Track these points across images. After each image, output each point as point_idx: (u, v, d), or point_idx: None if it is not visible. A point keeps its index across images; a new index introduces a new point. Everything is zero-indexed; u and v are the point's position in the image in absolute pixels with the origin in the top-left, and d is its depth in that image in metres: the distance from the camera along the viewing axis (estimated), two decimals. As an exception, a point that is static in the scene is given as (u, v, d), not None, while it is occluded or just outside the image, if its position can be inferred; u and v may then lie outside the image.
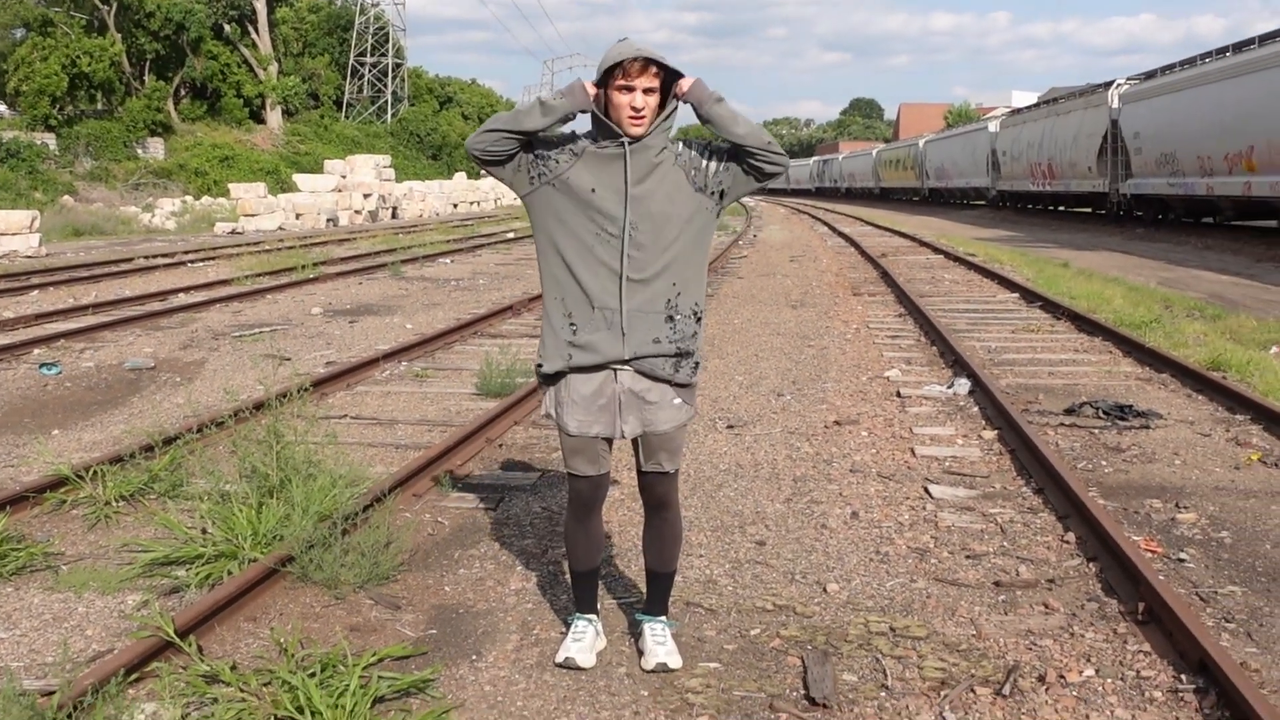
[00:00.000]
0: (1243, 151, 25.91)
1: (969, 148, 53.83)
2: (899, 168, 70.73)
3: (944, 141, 61.50)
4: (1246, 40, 27.17)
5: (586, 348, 4.06)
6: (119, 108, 53.97)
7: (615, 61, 3.89)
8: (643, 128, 3.98)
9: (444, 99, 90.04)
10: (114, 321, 13.60)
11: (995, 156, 49.15)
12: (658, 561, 4.42)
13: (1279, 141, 24.08)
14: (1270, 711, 3.70)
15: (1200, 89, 28.44)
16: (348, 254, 25.46)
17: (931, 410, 8.85)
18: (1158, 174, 31.63)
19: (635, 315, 4.03)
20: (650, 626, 4.40)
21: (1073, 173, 38.47)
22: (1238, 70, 26.53)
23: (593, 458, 4.26)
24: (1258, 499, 6.52)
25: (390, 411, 8.90)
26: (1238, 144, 26.12)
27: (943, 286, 18.03)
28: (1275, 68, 24.44)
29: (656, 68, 3.94)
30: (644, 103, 3.95)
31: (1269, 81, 24.55)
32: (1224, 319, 13.35)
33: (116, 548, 5.70)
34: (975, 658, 4.42)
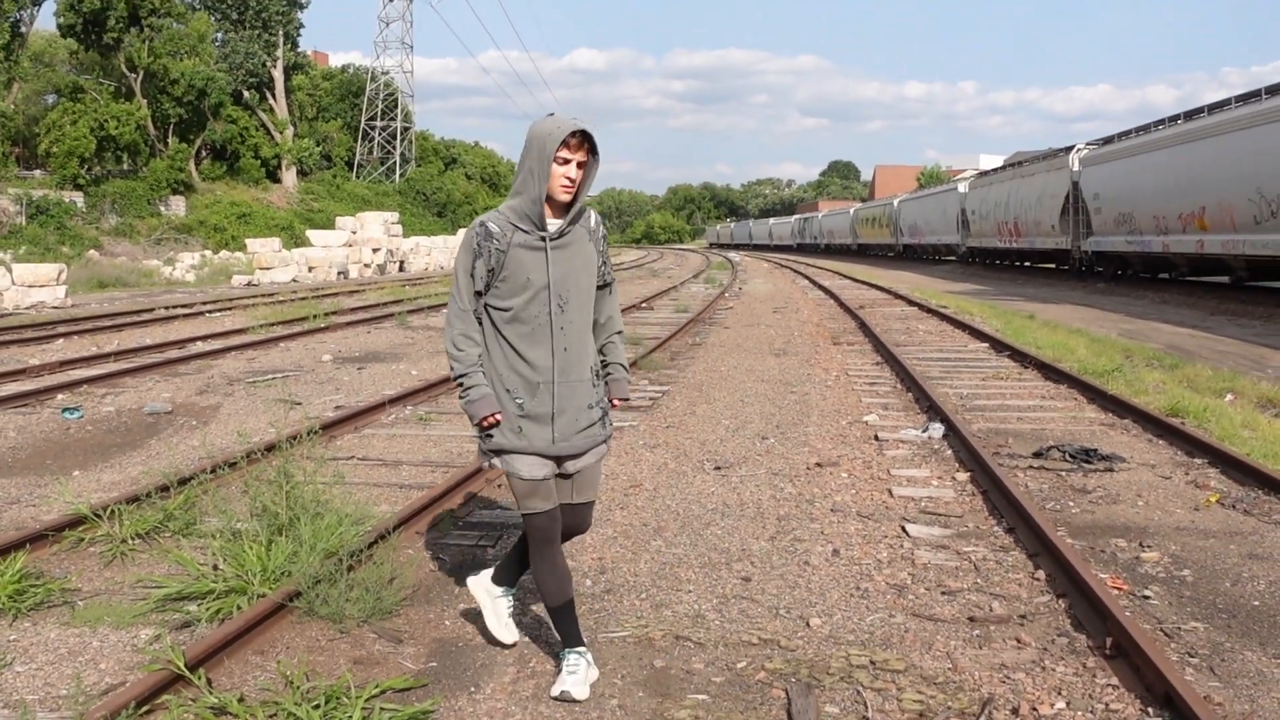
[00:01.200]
0: (1195, 212, 26.03)
1: (940, 207, 54.04)
2: (875, 225, 70.97)
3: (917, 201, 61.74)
4: (1197, 109, 27.37)
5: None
6: (143, 168, 54.10)
7: (561, 138, 4.06)
8: (570, 196, 4.17)
9: (449, 160, 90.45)
10: (134, 368, 13.52)
11: (965, 215, 49.33)
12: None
13: (1229, 203, 24.20)
14: (1235, 743, 3.63)
15: (1155, 153, 28.61)
16: (357, 305, 25.43)
17: (908, 453, 8.80)
18: (1116, 232, 31.75)
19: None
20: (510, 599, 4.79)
21: (1037, 231, 38.61)
22: (1190, 136, 26.70)
23: (546, 494, 4.32)
24: (1217, 539, 6.47)
25: (395, 453, 8.83)
26: (1191, 205, 26.25)
27: (917, 336, 18.01)
28: (1224, 134, 24.60)
29: (589, 143, 4.15)
30: (576, 174, 4.16)
31: (1218, 147, 24.70)
32: (1181, 368, 13.33)
33: (131, 583, 5.62)
34: (952, 690, 4.35)
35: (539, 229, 4.18)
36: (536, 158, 4.10)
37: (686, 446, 9.03)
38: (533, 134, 4.13)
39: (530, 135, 4.14)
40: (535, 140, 4.11)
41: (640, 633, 4.95)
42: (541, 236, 4.19)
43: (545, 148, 4.07)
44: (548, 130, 4.08)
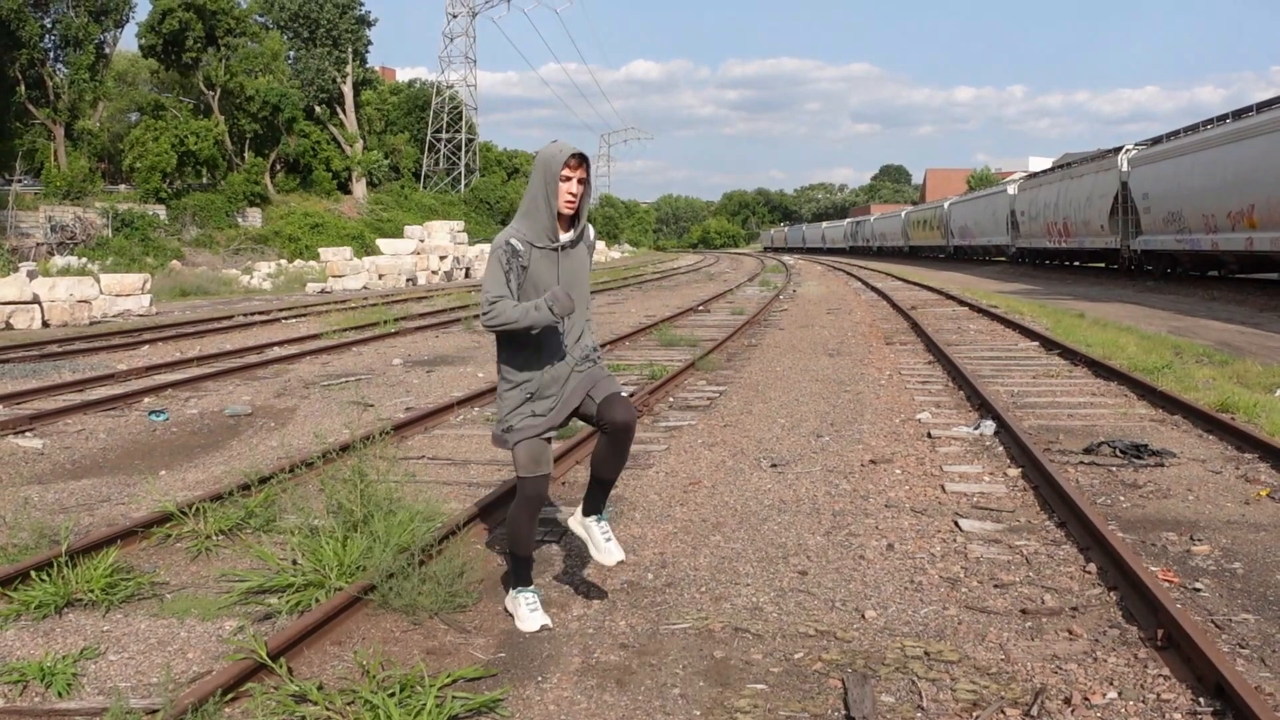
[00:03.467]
0: (1244, 210, 25.59)
1: (990, 209, 53.52)
2: (926, 228, 70.44)
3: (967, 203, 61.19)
4: (1245, 108, 26.93)
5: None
6: (221, 181, 54.96)
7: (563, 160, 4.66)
8: (573, 209, 4.76)
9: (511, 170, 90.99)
10: (216, 373, 13.73)
11: (1014, 216, 48.82)
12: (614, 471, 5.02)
13: (1278, 200, 23.77)
14: (1285, 732, 3.59)
15: (1203, 153, 28.16)
16: (425, 310, 25.64)
17: (960, 450, 8.74)
18: (1165, 231, 31.28)
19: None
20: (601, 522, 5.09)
21: (1086, 231, 38.13)
22: (1238, 135, 26.26)
23: (546, 463, 4.90)
24: (1268, 532, 6.37)
25: (464, 453, 8.90)
26: (1239, 203, 25.80)
27: (968, 336, 17.86)
28: (1273, 132, 24.17)
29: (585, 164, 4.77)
30: (578, 190, 4.74)
31: (1267, 145, 24.27)
32: (1231, 365, 13.11)
33: (215, 578, 5.72)
34: (1004, 681, 4.33)
35: (552, 240, 4.75)
36: (544, 179, 4.70)
37: (743, 445, 9.03)
38: (539, 160, 4.73)
39: (537, 162, 4.74)
40: (542, 165, 4.71)
41: (700, 625, 4.96)
42: (555, 246, 4.77)
43: (551, 170, 4.68)
44: (552, 155, 4.70)
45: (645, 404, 10.60)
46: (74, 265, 35.02)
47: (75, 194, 46.19)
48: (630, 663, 4.55)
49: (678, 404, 11.17)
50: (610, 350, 16.39)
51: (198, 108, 56.10)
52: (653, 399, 10.99)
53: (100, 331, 20.41)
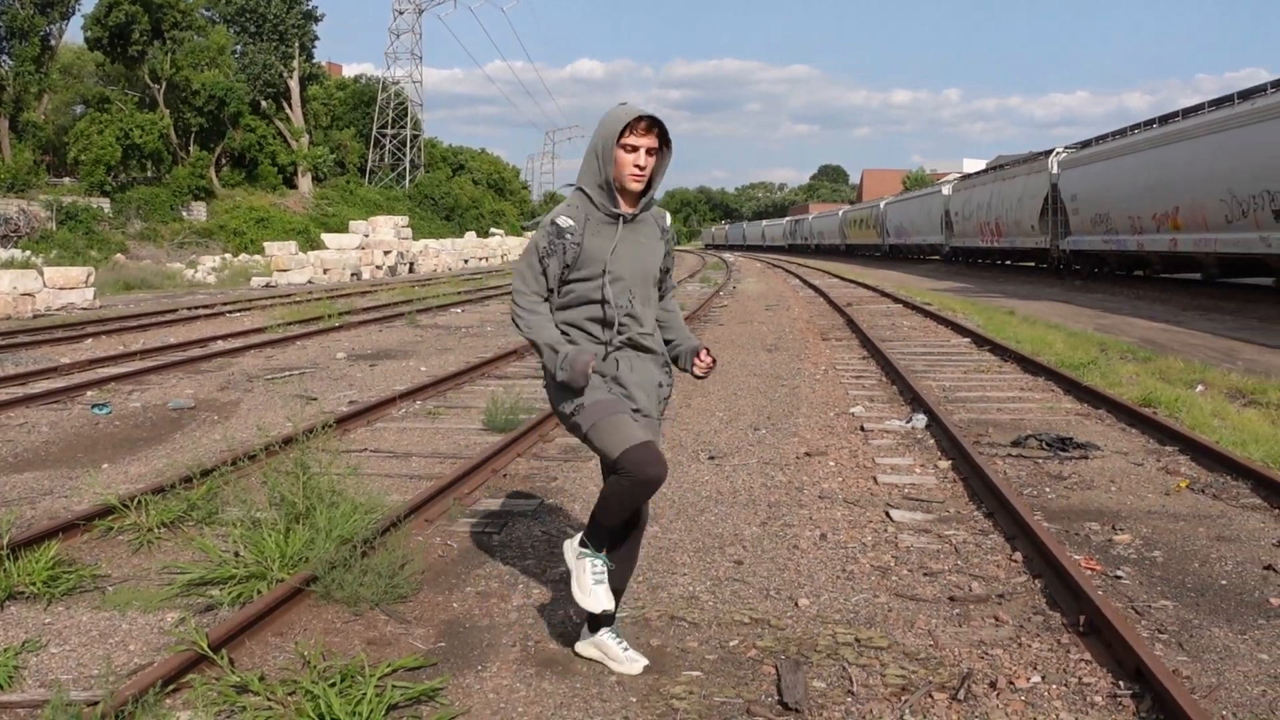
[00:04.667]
0: (1169, 212, 26.03)
1: (925, 209, 54.02)
2: (863, 227, 70.95)
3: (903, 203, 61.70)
4: (1171, 113, 27.41)
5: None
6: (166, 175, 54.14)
7: (625, 122, 3.93)
8: (641, 184, 4.06)
9: (456, 166, 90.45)
10: (159, 366, 13.55)
11: (948, 216, 49.31)
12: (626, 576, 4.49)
13: (1201, 203, 24.20)
14: (1201, 715, 3.67)
15: (1130, 156, 28.61)
16: (369, 305, 25.44)
17: (892, 443, 8.83)
18: (1093, 232, 31.75)
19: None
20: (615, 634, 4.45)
21: (1018, 231, 38.60)
22: (1163, 140, 26.71)
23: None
24: (1186, 522, 6.50)
25: (406, 445, 8.86)
26: (1164, 205, 26.25)
27: (902, 332, 18.03)
28: (1197, 137, 24.61)
29: (659, 129, 3.99)
30: (646, 162, 4.01)
31: (1192, 149, 24.71)
32: (1154, 361, 13.35)
33: (157, 570, 5.65)
34: (933, 666, 4.38)
35: (612, 208, 4.08)
36: (602, 144, 4.01)
37: (682, 438, 9.06)
38: (600, 122, 4.04)
39: (599, 124, 4.04)
40: (602, 127, 4.01)
41: (637, 614, 4.98)
42: (614, 215, 4.09)
43: (609, 134, 3.97)
44: (616, 117, 3.98)
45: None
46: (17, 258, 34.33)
47: (19, 187, 45.31)
48: (569, 652, 4.56)
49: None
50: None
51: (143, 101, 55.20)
52: (594, 393, 10.98)
53: (43, 325, 20.07)
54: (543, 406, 10.02)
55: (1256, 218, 21.88)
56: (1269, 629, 4.78)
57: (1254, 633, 4.74)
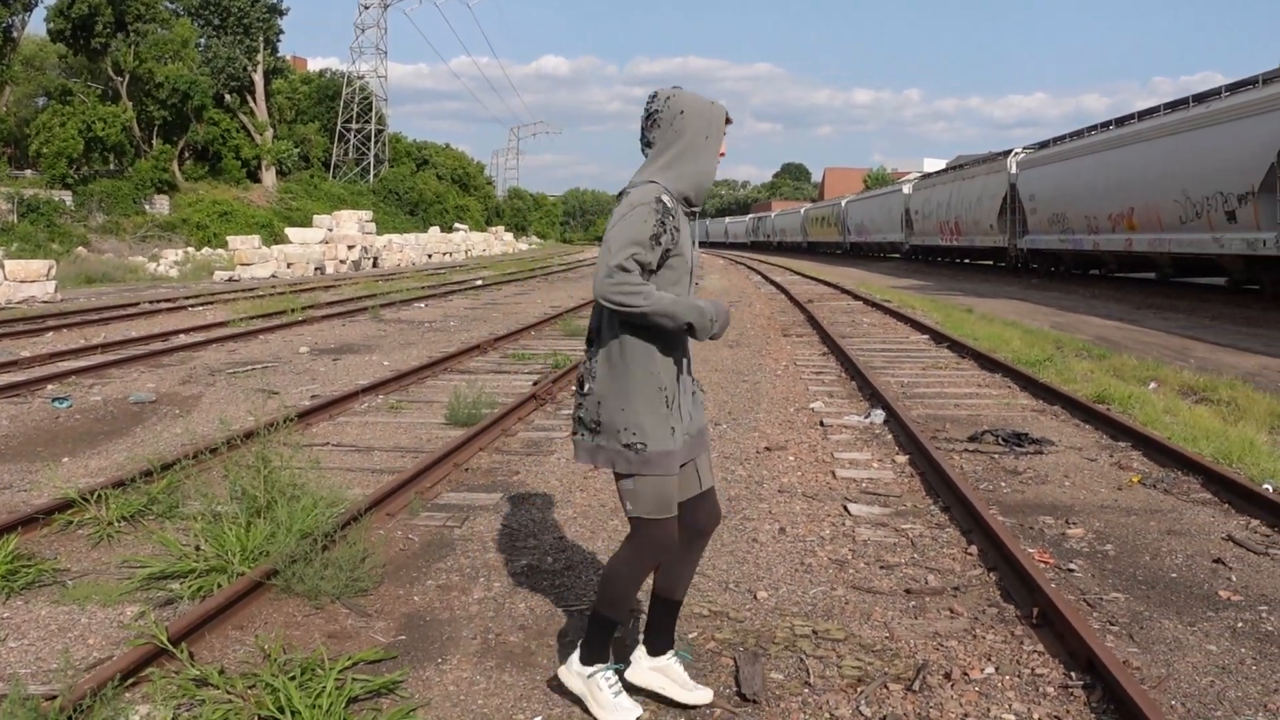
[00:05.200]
0: (1124, 212, 26.32)
1: (885, 207, 54.33)
2: (824, 225, 71.25)
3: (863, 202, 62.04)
4: (1127, 115, 27.69)
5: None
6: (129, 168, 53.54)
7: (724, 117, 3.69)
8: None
9: (421, 161, 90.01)
10: (120, 360, 13.41)
11: (909, 215, 49.63)
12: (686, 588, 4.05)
13: (1156, 204, 24.48)
14: (1150, 705, 3.71)
15: (1087, 157, 28.90)
16: (333, 299, 25.27)
17: (851, 438, 8.87)
18: (1050, 231, 32.05)
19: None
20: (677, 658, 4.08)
21: (976, 230, 38.90)
22: (1120, 142, 26.99)
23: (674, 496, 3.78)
24: (1138, 516, 6.57)
25: (368, 440, 8.82)
26: (1120, 206, 26.53)
27: (861, 329, 18.12)
28: (1152, 139, 24.89)
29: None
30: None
31: (1146, 152, 24.99)
32: (1109, 358, 13.49)
33: (117, 564, 5.60)
34: (888, 657, 4.41)
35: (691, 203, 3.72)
36: (710, 130, 3.65)
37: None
38: (695, 107, 3.63)
39: (690, 108, 3.63)
40: (704, 113, 3.63)
41: (598, 606, 4.98)
42: (691, 210, 3.76)
43: (718, 122, 3.66)
44: (715, 111, 3.67)
45: (548, 392, 10.59)
46: (-24, 251, 33.88)
47: (-21, 179, 44.72)
48: (529, 644, 4.56)
49: (581, 393, 11.16)
50: (515, 340, 16.35)
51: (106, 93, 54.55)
52: (555, 387, 10.98)
53: (4, 318, 19.79)
54: (504, 401, 10.00)
55: (1210, 219, 22.16)
56: (1218, 621, 4.84)
57: (1203, 625, 4.80)
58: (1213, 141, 21.90)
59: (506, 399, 10.27)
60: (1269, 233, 19.96)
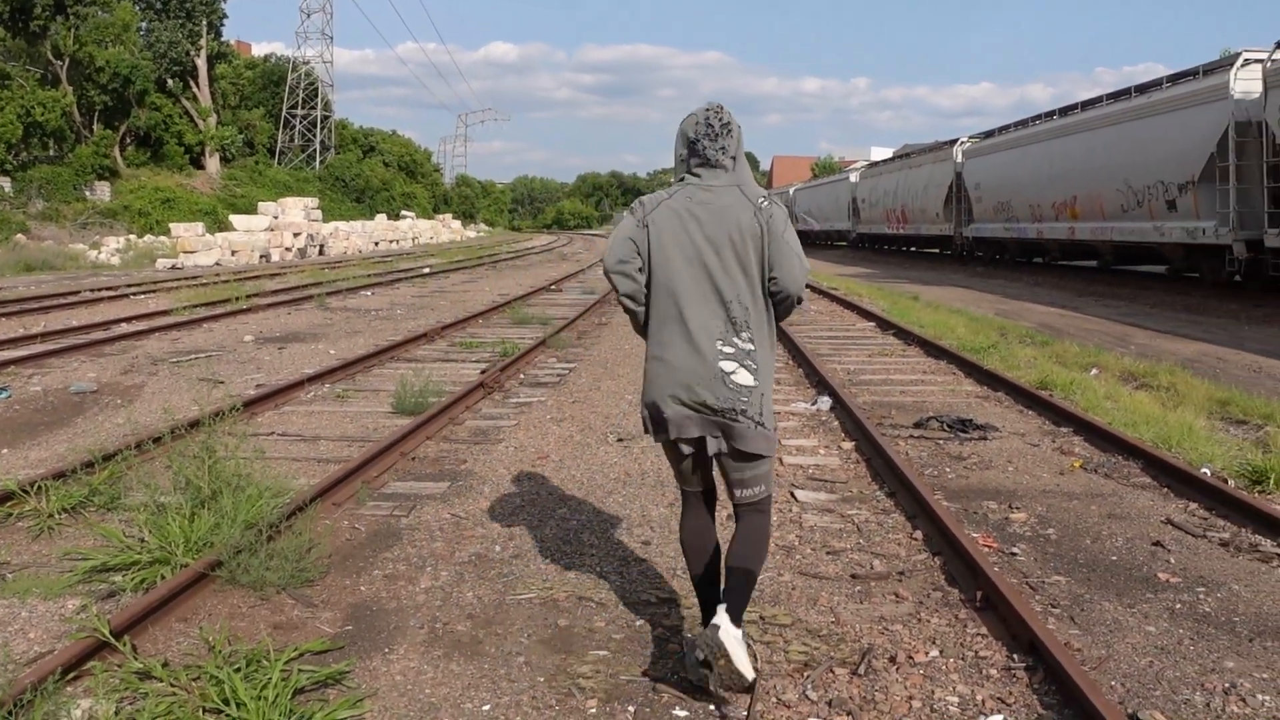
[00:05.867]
0: (1067, 201, 26.65)
1: (833, 195, 54.66)
2: (773, 212, 71.40)
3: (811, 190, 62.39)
4: (1071, 105, 27.96)
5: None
6: (69, 154, 52.59)
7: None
8: None
9: (367, 148, 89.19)
10: (61, 349, 13.20)
11: (856, 204, 49.94)
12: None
13: (1098, 193, 24.80)
14: (1091, 686, 3.77)
15: (1031, 147, 29.20)
16: (278, 287, 25.02)
17: (798, 424, 8.92)
18: (995, 220, 32.38)
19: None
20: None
21: (923, 218, 39.22)
22: (1063, 131, 27.29)
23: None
24: (1079, 500, 6.67)
25: (314, 429, 8.75)
26: (1063, 194, 26.86)
27: (808, 316, 18.22)
28: (1095, 129, 25.20)
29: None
30: None
31: (1089, 141, 25.29)
32: (1051, 345, 13.66)
33: (58, 556, 5.52)
34: (834, 642, 4.45)
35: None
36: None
37: (591, 420, 9.07)
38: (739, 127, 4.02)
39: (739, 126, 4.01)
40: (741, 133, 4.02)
41: (546, 594, 4.98)
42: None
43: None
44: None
45: (497, 380, 10.56)
46: (-89, 238, 33.20)
47: (-86, 164, 43.79)
48: (477, 633, 4.55)
49: (528, 380, 11.15)
50: (463, 328, 16.28)
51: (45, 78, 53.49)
52: (504, 376, 10.95)
53: (-62, 306, 19.42)
54: (452, 389, 9.96)
55: (1151, 207, 22.48)
56: (1156, 602, 4.93)
57: (1142, 606, 4.88)
58: (1154, 131, 22.21)
59: (454, 387, 10.22)
60: (1208, 221, 20.30)
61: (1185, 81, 21.75)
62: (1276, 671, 4.18)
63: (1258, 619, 4.74)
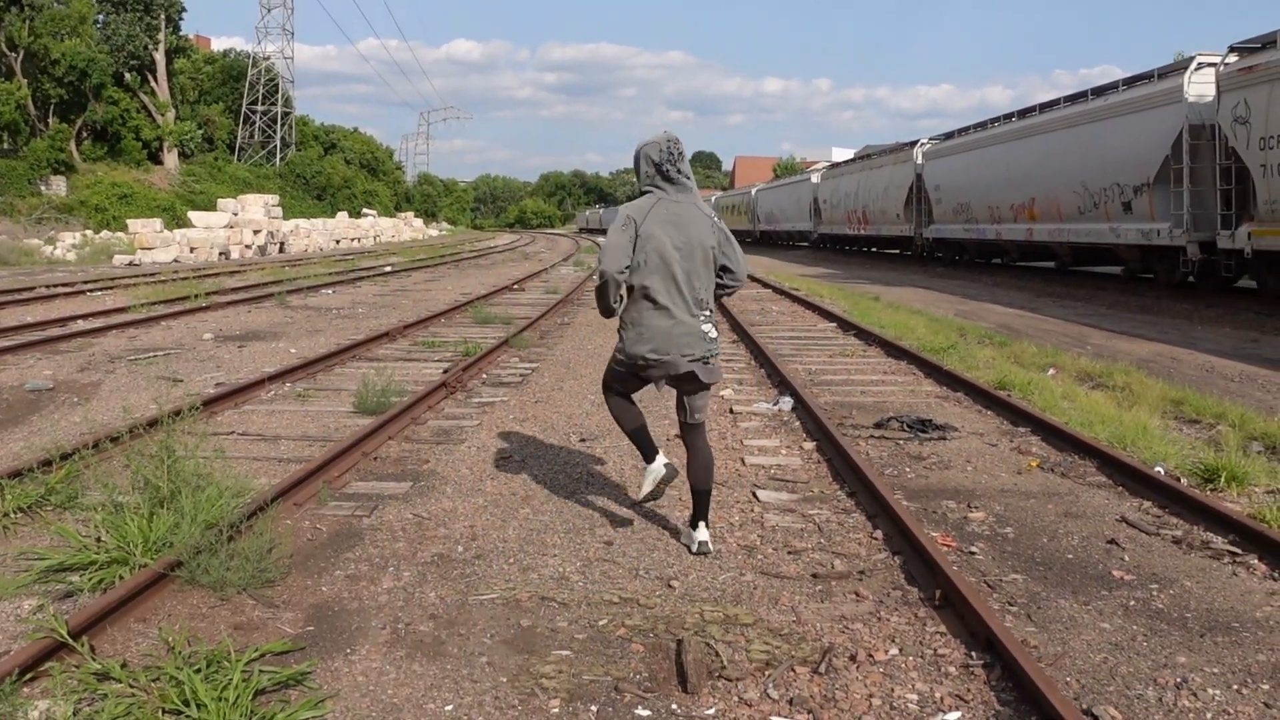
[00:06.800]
0: (1025, 203, 26.89)
1: (795, 196, 54.82)
2: (735, 213, 71.65)
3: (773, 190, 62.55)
4: (1029, 108, 28.20)
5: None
6: (24, 147, 51.97)
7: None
8: None
9: (328, 145, 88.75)
10: (15, 346, 13.04)
11: (817, 204, 50.12)
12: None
13: (1056, 195, 25.05)
14: (1047, 683, 3.82)
15: (990, 149, 29.43)
16: (238, 285, 24.83)
17: (759, 425, 8.96)
18: (955, 221, 32.62)
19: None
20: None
21: (883, 219, 39.45)
22: (1021, 134, 27.53)
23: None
24: (1036, 499, 6.74)
25: (274, 428, 8.70)
26: (1021, 196, 27.10)
27: (770, 317, 18.29)
28: (1053, 131, 25.43)
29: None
30: None
31: (1047, 144, 25.53)
32: (1009, 345, 13.79)
33: (14, 556, 5.46)
34: (796, 641, 4.48)
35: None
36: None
37: (554, 420, 9.07)
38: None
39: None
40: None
41: (508, 595, 4.98)
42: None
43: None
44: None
45: (459, 380, 10.54)
46: None
47: None
48: (439, 633, 4.55)
49: (491, 380, 11.14)
50: (425, 327, 16.22)
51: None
52: (466, 375, 10.93)
53: (-111, 302, 19.13)
54: (414, 389, 9.94)
55: (1107, 209, 22.74)
56: (1111, 600, 5.00)
57: (1097, 603, 4.95)
58: (1110, 134, 22.46)
59: (416, 387, 10.19)
60: (1163, 223, 20.56)
61: (1141, 85, 22.00)
62: (1226, 667, 4.25)
63: (1209, 615, 4.82)
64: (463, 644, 4.43)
